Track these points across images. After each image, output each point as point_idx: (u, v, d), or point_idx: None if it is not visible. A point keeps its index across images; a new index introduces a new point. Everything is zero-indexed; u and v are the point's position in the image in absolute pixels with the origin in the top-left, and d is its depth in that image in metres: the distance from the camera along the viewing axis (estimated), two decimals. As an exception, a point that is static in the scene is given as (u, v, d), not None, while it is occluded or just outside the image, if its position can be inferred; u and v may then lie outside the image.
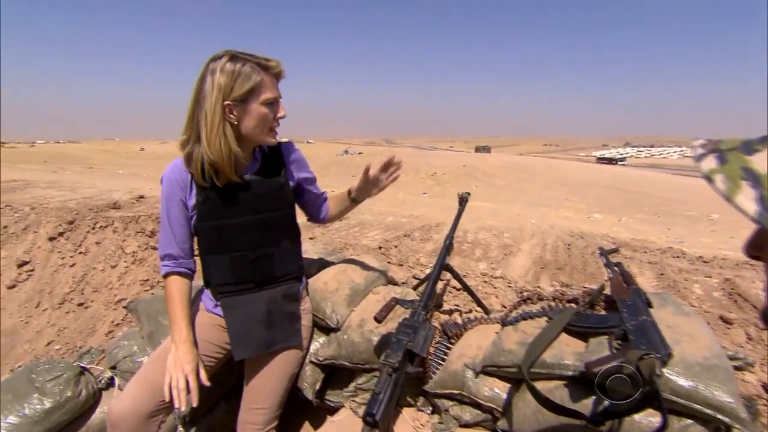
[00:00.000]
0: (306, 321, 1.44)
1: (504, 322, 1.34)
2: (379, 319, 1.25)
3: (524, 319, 1.30)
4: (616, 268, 1.35)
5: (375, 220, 7.34)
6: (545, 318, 1.28)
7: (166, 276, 1.31)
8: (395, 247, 5.46)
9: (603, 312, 1.22)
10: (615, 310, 1.18)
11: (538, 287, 2.04)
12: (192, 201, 1.26)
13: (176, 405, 1.17)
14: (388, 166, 1.43)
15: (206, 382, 1.24)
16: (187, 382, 1.19)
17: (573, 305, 1.34)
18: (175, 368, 1.20)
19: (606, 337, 1.08)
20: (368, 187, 1.46)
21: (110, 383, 1.55)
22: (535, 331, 1.23)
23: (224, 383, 1.60)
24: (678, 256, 5.70)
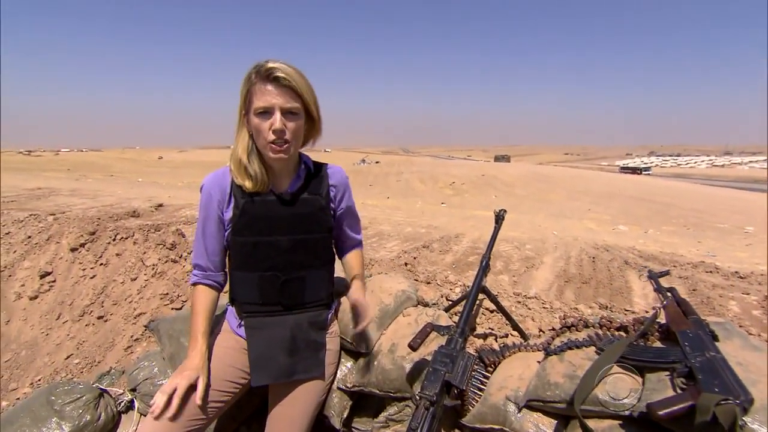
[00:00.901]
0: (333, 345, 1.39)
1: (548, 351, 1.26)
2: (414, 347, 1.19)
3: (570, 348, 1.22)
4: (669, 294, 1.26)
5: (393, 230, 7.29)
6: (593, 348, 1.19)
7: (193, 285, 1.30)
8: (414, 258, 5.39)
9: (659, 344, 1.13)
10: (672, 342, 1.09)
11: (576, 308, 1.94)
12: (229, 214, 1.24)
13: (154, 411, 1.09)
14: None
15: (198, 400, 1.15)
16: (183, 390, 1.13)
17: (623, 334, 1.26)
18: (176, 375, 1.16)
19: (666, 373, 0.99)
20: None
21: (130, 406, 1.52)
22: (583, 362, 1.15)
23: (245, 408, 1.55)
24: (711, 271, 5.49)
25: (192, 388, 1.17)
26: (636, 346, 1.11)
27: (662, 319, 1.21)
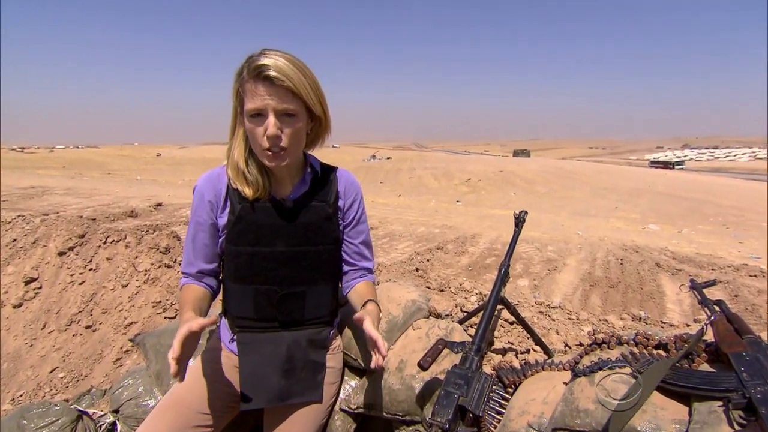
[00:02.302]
0: (335, 362, 1.33)
1: (575, 371, 1.18)
2: (424, 367, 1.13)
3: (601, 369, 1.14)
4: (717, 308, 1.17)
5: (405, 230, 7.24)
6: (628, 369, 1.11)
7: (182, 287, 1.24)
8: (428, 260, 5.31)
9: (707, 367, 1.05)
10: (724, 366, 1.01)
11: (605, 320, 1.86)
12: (223, 219, 1.19)
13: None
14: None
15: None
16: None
17: (662, 353, 1.17)
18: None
19: (718, 404, 0.91)
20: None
21: (112, 429, 1.47)
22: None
23: (240, 426, 1.50)
24: (755, 275, 5.33)
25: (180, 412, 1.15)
26: (679, 369, 1.03)
27: (709, 336, 1.13)
